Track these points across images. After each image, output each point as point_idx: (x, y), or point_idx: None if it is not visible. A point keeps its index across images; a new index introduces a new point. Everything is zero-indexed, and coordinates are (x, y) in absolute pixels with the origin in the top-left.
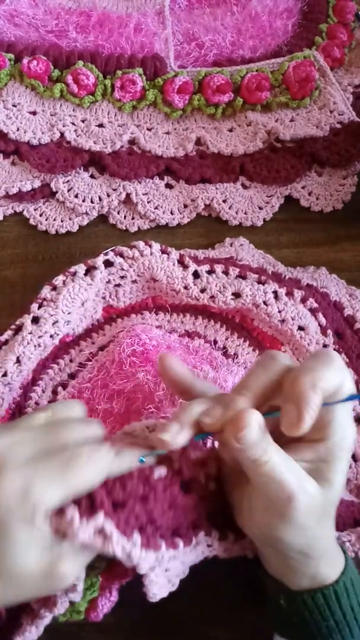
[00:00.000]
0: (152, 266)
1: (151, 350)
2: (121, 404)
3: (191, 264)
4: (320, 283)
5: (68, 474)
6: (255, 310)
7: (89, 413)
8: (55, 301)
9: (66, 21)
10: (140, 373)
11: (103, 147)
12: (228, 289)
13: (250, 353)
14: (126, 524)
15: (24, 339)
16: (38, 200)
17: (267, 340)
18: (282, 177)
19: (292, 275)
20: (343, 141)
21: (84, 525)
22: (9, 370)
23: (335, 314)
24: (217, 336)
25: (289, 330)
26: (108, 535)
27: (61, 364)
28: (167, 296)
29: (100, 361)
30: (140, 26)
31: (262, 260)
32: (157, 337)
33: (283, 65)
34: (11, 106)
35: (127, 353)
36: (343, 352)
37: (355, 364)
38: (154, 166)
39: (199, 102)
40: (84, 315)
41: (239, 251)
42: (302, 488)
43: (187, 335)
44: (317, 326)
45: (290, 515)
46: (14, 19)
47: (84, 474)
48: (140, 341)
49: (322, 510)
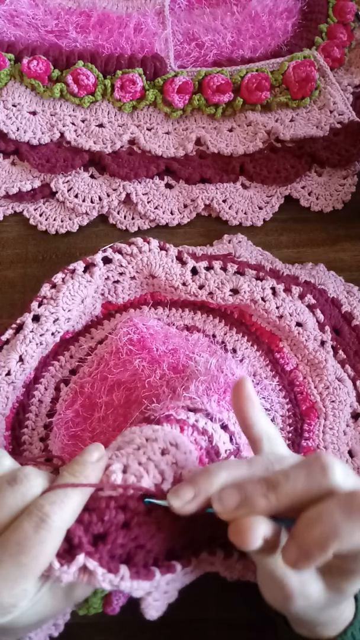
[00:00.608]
0: (150, 263)
1: (148, 338)
2: (121, 394)
3: (189, 260)
4: (318, 280)
5: (26, 565)
6: (254, 306)
7: (91, 407)
8: (55, 299)
9: (66, 21)
10: (136, 360)
11: (103, 147)
12: (226, 285)
13: (248, 348)
14: (111, 557)
15: (26, 337)
16: (38, 200)
17: (266, 336)
18: (282, 177)
19: (290, 272)
20: (343, 141)
21: (66, 569)
22: (12, 369)
23: (333, 311)
24: (216, 331)
25: (287, 326)
26: (93, 573)
27: (62, 360)
28: (166, 292)
29: (99, 354)
30: (140, 26)
31: (260, 257)
32: (154, 326)
33: (283, 65)
34: (11, 106)
35: (123, 341)
36: (341, 349)
37: (353, 360)
38: (154, 166)
39: (199, 102)
40: (83, 312)
41: (237, 248)
42: (302, 592)
43: (186, 329)
44: (315, 322)
45: (287, 608)
46: (14, 19)
47: (41, 553)
48: (137, 329)
49: (324, 607)
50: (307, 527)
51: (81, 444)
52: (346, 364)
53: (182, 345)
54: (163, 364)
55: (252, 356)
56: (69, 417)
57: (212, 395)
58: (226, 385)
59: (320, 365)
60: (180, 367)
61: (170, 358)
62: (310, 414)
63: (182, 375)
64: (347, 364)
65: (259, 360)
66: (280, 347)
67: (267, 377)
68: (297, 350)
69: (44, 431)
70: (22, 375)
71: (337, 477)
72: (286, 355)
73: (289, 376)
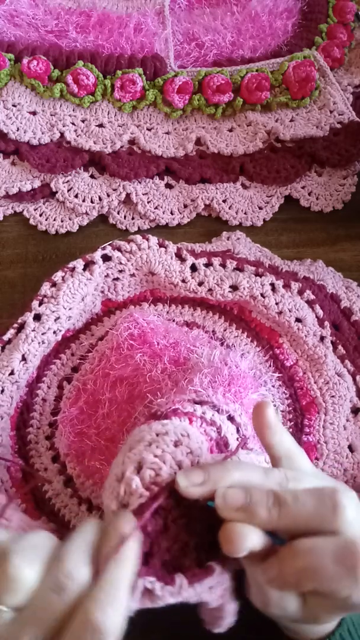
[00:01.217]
0: (150, 260)
1: (148, 332)
2: (124, 390)
3: (189, 257)
4: (317, 275)
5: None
6: (253, 302)
7: (95, 404)
8: (55, 297)
9: (66, 21)
10: (137, 355)
11: (103, 147)
12: (226, 282)
13: (248, 344)
14: (163, 566)
15: (28, 336)
16: (38, 200)
17: (265, 332)
18: (282, 177)
19: (288, 268)
20: (343, 141)
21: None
22: (15, 369)
23: (332, 306)
24: (216, 327)
25: (287, 322)
26: (152, 591)
27: (63, 358)
28: (165, 289)
29: (100, 351)
30: (140, 26)
31: (259, 254)
32: (154, 321)
33: (283, 65)
34: (11, 106)
35: (124, 336)
36: (340, 344)
37: (353, 355)
38: (154, 166)
39: (199, 102)
40: (84, 309)
41: (236, 244)
42: (279, 604)
43: (185, 326)
44: (315, 318)
45: (266, 612)
46: (14, 19)
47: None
48: (137, 324)
49: (302, 622)
50: (294, 556)
51: (87, 440)
52: (346, 359)
53: (183, 338)
54: (164, 358)
55: (252, 352)
56: (74, 414)
57: (217, 388)
58: (230, 378)
59: (320, 361)
60: (181, 360)
61: (172, 352)
62: (310, 409)
63: (183, 368)
64: (346, 359)
65: (259, 356)
66: (280, 343)
67: (266, 373)
68: (297, 346)
69: (49, 429)
70: (25, 374)
71: (346, 520)
72: (286, 351)
73: (289, 372)
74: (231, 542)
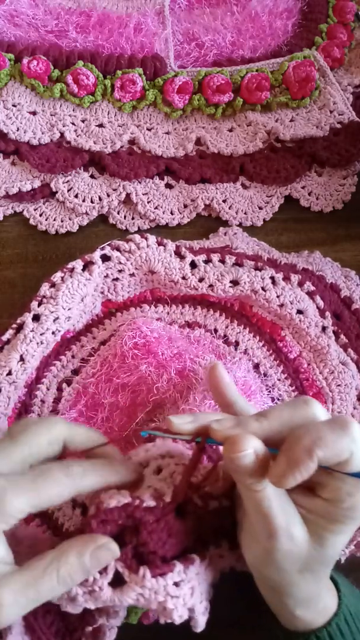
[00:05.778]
0: (149, 258)
1: (152, 342)
2: (126, 397)
3: (188, 254)
4: (316, 266)
5: (38, 488)
6: (254, 297)
7: (95, 407)
8: (54, 298)
9: (66, 21)
10: (142, 365)
11: (103, 147)
12: (226, 277)
13: (251, 340)
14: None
15: (26, 337)
16: (38, 200)
17: (267, 326)
18: (282, 177)
19: (287, 261)
20: (343, 141)
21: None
22: (13, 369)
23: (332, 296)
24: (217, 325)
25: (288, 314)
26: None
27: (63, 360)
28: (166, 288)
29: (102, 356)
30: (140, 26)
31: (257, 248)
32: (158, 329)
33: (283, 65)
34: (11, 106)
35: (129, 346)
36: (342, 333)
37: (355, 344)
38: (154, 166)
39: (199, 102)
40: (83, 310)
41: (234, 240)
42: (287, 531)
43: (187, 326)
44: (315, 309)
45: (269, 551)
46: (14, 19)
47: (52, 487)
48: (141, 333)
49: (304, 561)
50: (296, 439)
51: None
52: (348, 348)
53: (187, 348)
54: (170, 370)
55: (254, 347)
56: (73, 416)
57: (206, 404)
58: None
59: (324, 351)
60: (185, 373)
61: (177, 363)
62: (317, 400)
63: (187, 379)
64: (349, 348)
65: (262, 351)
66: (282, 336)
67: (271, 367)
68: (300, 338)
69: None
70: (23, 374)
71: (318, 409)
72: (289, 344)
73: (294, 364)
74: (237, 445)
